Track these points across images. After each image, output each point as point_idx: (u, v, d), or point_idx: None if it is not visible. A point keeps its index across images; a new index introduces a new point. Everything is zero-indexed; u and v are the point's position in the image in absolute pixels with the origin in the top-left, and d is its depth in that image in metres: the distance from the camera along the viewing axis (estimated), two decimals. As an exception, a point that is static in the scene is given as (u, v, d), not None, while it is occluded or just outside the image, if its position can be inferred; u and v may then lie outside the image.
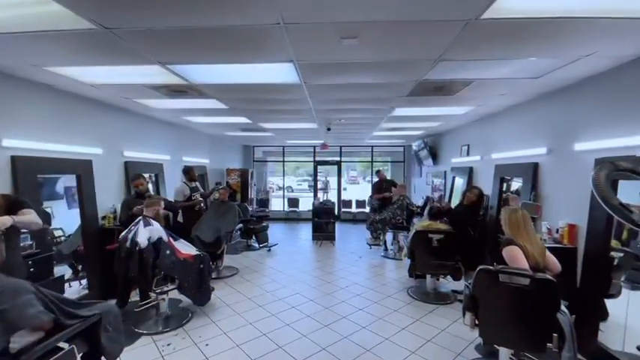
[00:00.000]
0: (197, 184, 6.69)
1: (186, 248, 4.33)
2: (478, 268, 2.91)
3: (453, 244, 4.92)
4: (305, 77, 3.89)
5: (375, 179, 9.79)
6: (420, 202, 8.78)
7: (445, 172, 9.01)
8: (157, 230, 3.99)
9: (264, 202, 13.38)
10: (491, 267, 2.88)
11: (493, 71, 3.70)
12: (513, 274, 2.74)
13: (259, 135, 9.72)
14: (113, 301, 3.99)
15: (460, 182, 7.91)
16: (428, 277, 5.28)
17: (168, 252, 3.99)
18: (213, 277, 5.74)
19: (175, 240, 4.29)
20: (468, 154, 7.46)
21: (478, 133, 6.94)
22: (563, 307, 2.66)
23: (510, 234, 3.06)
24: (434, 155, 9.80)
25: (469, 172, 7.23)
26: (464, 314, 3.13)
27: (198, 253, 4.33)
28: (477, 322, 3.01)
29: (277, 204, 14.50)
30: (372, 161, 14.02)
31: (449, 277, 5.18)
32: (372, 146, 13.46)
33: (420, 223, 5.35)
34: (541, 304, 2.70)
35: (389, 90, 4.49)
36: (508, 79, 4.00)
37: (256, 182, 13.55)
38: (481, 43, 2.88)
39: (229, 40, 2.84)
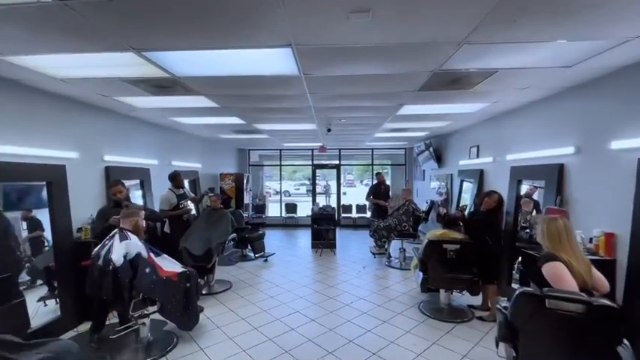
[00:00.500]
0: (185, 190, 6.14)
1: (169, 265, 3.77)
2: (518, 292, 2.41)
3: (470, 255, 4.41)
4: (305, 67, 3.36)
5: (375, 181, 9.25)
6: (424, 207, 8.25)
7: (451, 175, 8.50)
8: (135, 245, 3.45)
9: (260, 208, 12.83)
10: (529, 289, 2.40)
11: (520, 59, 3.19)
12: (566, 299, 2.21)
13: (254, 137, 9.18)
14: (80, 332, 3.70)
15: (469, 186, 7.41)
16: (441, 291, 4.75)
17: (148, 270, 3.44)
18: (203, 292, 5.31)
19: (157, 255, 3.74)
20: (477, 156, 6.95)
21: (490, 132, 6.43)
22: (625, 340, 2.18)
23: (550, 247, 2.57)
24: (438, 158, 9.29)
25: (479, 175, 6.72)
26: (497, 344, 2.61)
27: (183, 269, 3.77)
28: (514, 354, 2.48)
29: (274, 210, 13.96)
30: (372, 164, 13.48)
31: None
32: (372, 149, 12.93)
33: (433, 232, 4.81)
34: (598, 336, 2.20)
35: (399, 83, 3.96)
36: (536, 69, 3.49)
37: (252, 187, 13.01)
38: (521, 15, 2.33)
39: (212, 14, 2.30)
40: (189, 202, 6.02)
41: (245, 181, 10.79)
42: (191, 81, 3.82)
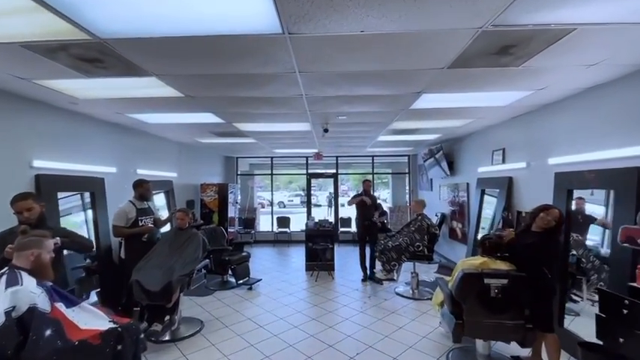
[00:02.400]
0: (151, 205, 4.93)
1: (90, 320, 2.53)
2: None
3: (523, 293, 3.22)
4: (288, 18, 2.20)
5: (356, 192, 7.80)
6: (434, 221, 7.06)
7: (467, 184, 7.35)
8: (26, 294, 2.21)
9: (249, 223, 11.58)
10: None
11: (616, 5, 2.09)
12: None
13: (240, 142, 7.98)
14: None
15: (491, 198, 6.28)
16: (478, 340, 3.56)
17: (49, 332, 2.21)
18: (164, 339, 4.11)
19: (71, 305, 2.51)
20: (503, 161, 5.82)
21: (521, 132, 5.31)
22: None
23: None
24: (450, 164, 8.14)
25: (508, 185, 5.57)
26: None
27: (112, 326, 2.54)
28: None
29: (266, 223, 12.62)
30: (372, 173, 12.32)
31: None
32: (373, 156, 11.77)
33: (468, 262, 3.61)
34: None
35: (427, 51, 2.80)
36: (628, 26, 2.38)
37: (241, 199, 11.81)
38: None
39: None
40: (153, 220, 4.81)
41: (230, 193, 9.54)
42: (125, 47, 2.64)
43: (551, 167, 4.49)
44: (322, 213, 9.83)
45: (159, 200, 7.15)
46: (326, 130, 5.81)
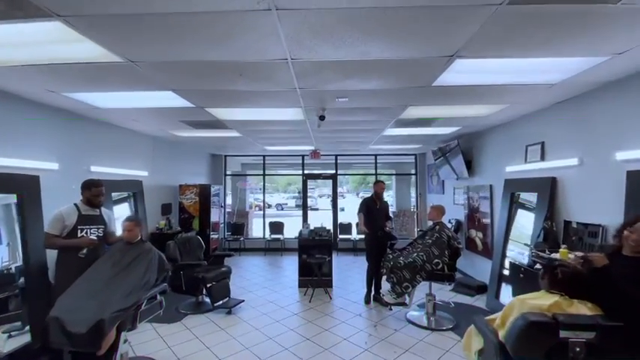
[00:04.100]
0: (105, 214, 3.81)
1: None
2: None
3: (618, 351, 2.10)
4: None
5: (366, 195, 6.52)
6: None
7: (490, 186, 6.23)
8: None
9: (238, 229, 10.43)
10: None
11: None
12: None
13: (223, 136, 6.84)
14: None
15: (526, 202, 5.16)
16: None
17: None
18: None
19: None
20: (542, 158, 4.71)
21: (569, 120, 4.22)
22: None
23: None
24: (468, 163, 7.01)
25: (550, 187, 4.46)
26: None
27: None
28: None
29: (259, 228, 11.35)
30: (375, 174, 11.18)
31: None
32: (376, 155, 10.63)
33: (531, 301, 2.41)
34: None
35: None
36: None
37: (232, 202, 10.71)
38: None
39: None
40: (102, 232, 3.70)
41: (214, 195, 8.37)
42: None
43: (619, 164, 3.40)
44: (320, 218, 8.62)
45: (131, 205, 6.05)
46: (322, 118, 4.67)
